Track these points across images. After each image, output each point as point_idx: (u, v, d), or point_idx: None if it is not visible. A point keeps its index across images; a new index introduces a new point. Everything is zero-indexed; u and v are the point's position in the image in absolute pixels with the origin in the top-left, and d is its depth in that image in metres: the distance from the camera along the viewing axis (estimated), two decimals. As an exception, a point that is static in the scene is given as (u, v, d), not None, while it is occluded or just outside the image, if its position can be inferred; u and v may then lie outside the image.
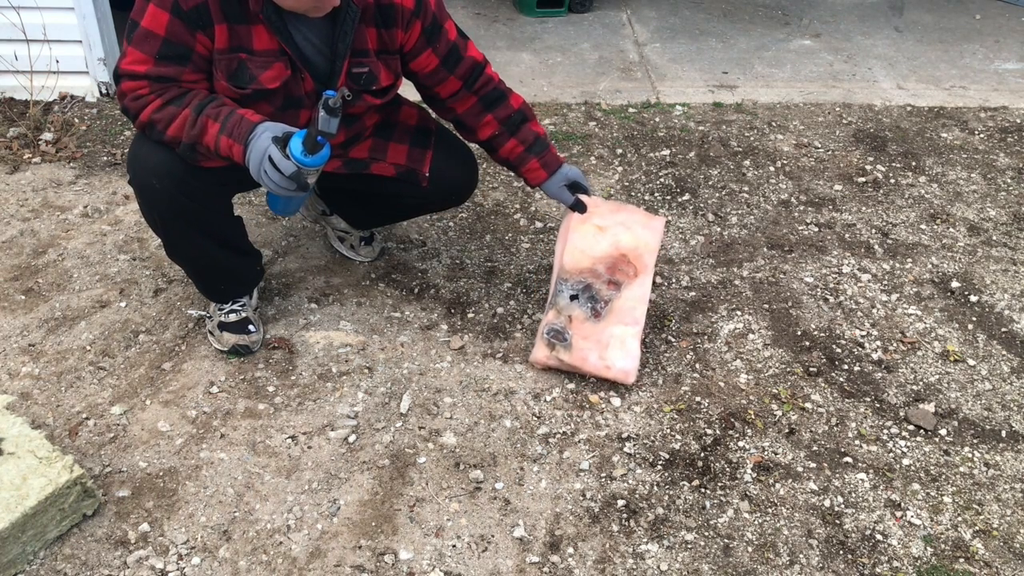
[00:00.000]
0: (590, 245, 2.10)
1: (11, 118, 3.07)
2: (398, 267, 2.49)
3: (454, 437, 1.96)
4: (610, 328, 2.05)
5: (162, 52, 1.69)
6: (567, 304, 2.07)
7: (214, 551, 1.69)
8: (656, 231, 2.13)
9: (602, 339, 2.04)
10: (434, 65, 1.95)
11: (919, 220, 2.82)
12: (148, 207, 1.90)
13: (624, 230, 2.11)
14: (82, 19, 3.09)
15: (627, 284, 2.08)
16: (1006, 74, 3.93)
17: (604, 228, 2.11)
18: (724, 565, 1.71)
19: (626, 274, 2.09)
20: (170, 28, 1.67)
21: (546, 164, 2.09)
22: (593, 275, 2.09)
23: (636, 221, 2.13)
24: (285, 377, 2.10)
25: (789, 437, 2.00)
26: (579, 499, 1.83)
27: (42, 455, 1.69)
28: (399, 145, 2.10)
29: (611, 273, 2.08)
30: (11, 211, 2.65)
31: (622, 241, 2.10)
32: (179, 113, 1.71)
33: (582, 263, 2.09)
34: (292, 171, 1.65)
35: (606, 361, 2.02)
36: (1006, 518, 1.84)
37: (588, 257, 2.09)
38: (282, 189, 1.68)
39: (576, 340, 2.04)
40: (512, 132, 2.06)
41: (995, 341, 2.32)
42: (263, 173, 1.67)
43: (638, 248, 2.10)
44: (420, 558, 1.70)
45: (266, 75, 1.76)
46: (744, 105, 3.53)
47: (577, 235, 2.11)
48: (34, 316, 2.25)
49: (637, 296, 2.07)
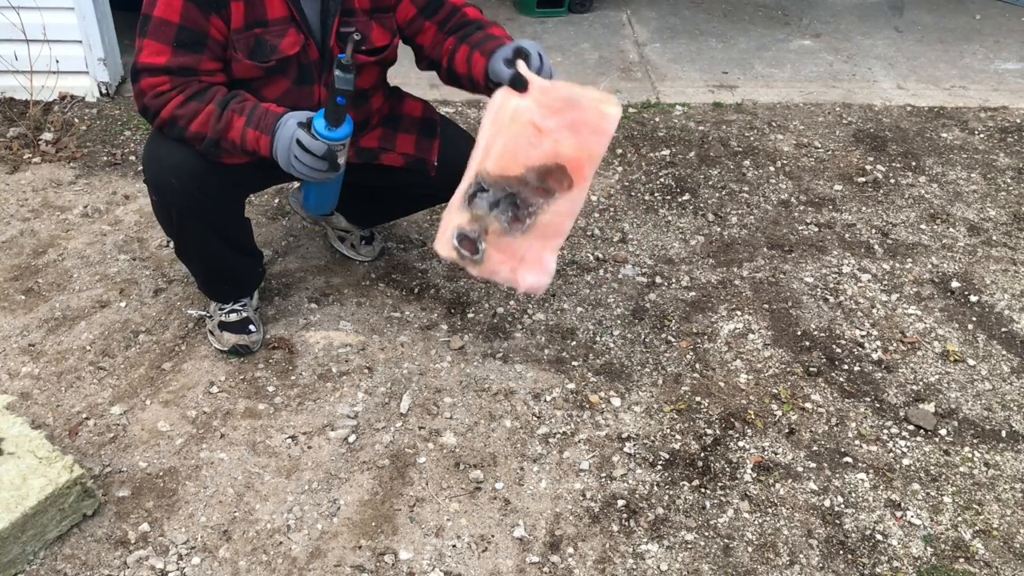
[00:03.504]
0: (524, 150, 1.71)
1: (11, 118, 3.07)
2: (398, 267, 2.49)
3: (454, 437, 1.96)
4: (529, 242, 1.80)
5: (179, 39, 1.69)
6: (486, 212, 1.76)
7: (214, 551, 1.69)
8: (606, 133, 1.74)
9: (518, 253, 1.80)
10: (412, 14, 1.93)
11: (919, 220, 2.82)
12: (165, 205, 1.90)
13: (569, 135, 1.72)
14: (82, 19, 3.09)
15: (559, 195, 1.76)
16: (1006, 74, 3.93)
17: (545, 130, 1.70)
18: (724, 565, 1.71)
19: (560, 183, 1.75)
20: (184, 13, 1.68)
21: (486, 50, 1.79)
22: (521, 183, 1.74)
23: (585, 123, 1.72)
24: (285, 377, 2.10)
25: (789, 437, 2.00)
26: (579, 499, 1.83)
27: (42, 455, 1.69)
28: (407, 136, 2.10)
29: (542, 181, 1.75)
30: (11, 211, 2.65)
31: (564, 149, 1.72)
32: (203, 109, 1.72)
33: (511, 170, 1.72)
34: (323, 150, 1.66)
35: (518, 275, 1.81)
36: (1006, 518, 1.84)
37: (520, 165, 1.72)
38: (314, 171, 1.69)
39: (490, 252, 1.79)
40: (464, 40, 1.90)
41: (995, 341, 2.32)
42: (293, 158, 1.68)
43: (581, 158, 1.74)
44: (420, 558, 1.70)
45: (285, 42, 1.78)
46: (744, 105, 3.53)
47: (511, 136, 1.71)
48: (34, 316, 2.25)
49: (566, 211, 1.78)
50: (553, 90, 1.69)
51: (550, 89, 1.69)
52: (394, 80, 2.14)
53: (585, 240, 2.65)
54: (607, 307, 2.38)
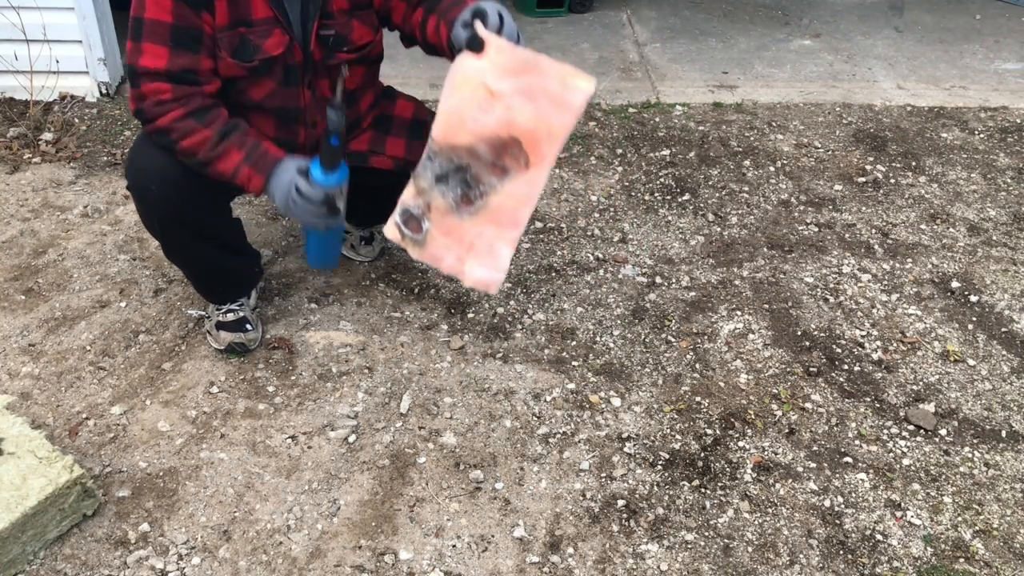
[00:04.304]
0: (474, 115, 1.52)
1: (11, 118, 3.07)
2: (398, 267, 2.49)
3: (454, 437, 1.96)
4: (480, 227, 1.60)
5: (175, 39, 1.69)
6: (430, 185, 1.58)
7: (214, 551, 1.69)
8: (569, 107, 1.51)
9: (466, 238, 1.61)
10: None
11: (919, 220, 2.82)
12: (146, 211, 1.91)
13: (524, 102, 1.50)
14: (82, 19, 3.09)
15: (514, 175, 1.56)
16: (1006, 74, 3.93)
17: (498, 94, 1.50)
18: (724, 565, 1.71)
19: (516, 161, 1.55)
20: (176, 12, 1.68)
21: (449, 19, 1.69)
22: (471, 155, 1.55)
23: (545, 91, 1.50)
24: (285, 377, 2.10)
25: (789, 437, 2.00)
26: (579, 499, 1.83)
27: (42, 455, 1.69)
28: (397, 139, 2.10)
29: (496, 157, 1.55)
30: (11, 211, 2.65)
31: (518, 118, 1.51)
32: (199, 130, 1.73)
33: (459, 137, 1.54)
34: (320, 196, 1.71)
35: (464, 265, 1.63)
36: (1006, 518, 1.84)
37: (468, 132, 1.53)
38: (313, 217, 1.74)
39: (434, 234, 1.61)
40: (432, 10, 1.82)
41: (995, 341, 2.32)
42: (292, 203, 1.73)
43: (537, 132, 1.52)
44: (420, 558, 1.70)
45: (269, 43, 1.78)
46: (744, 105, 3.53)
47: (460, 97, 1.52)
48: (34, 316, 2.25)
49: (522, 195, 1.57)
50: (512, 51, 1.50)
51: (507, 50, 1.50)
52: (393, 80, 2.14)
53: (585, 240, 2.65)
54: (607, 307, 2.38)
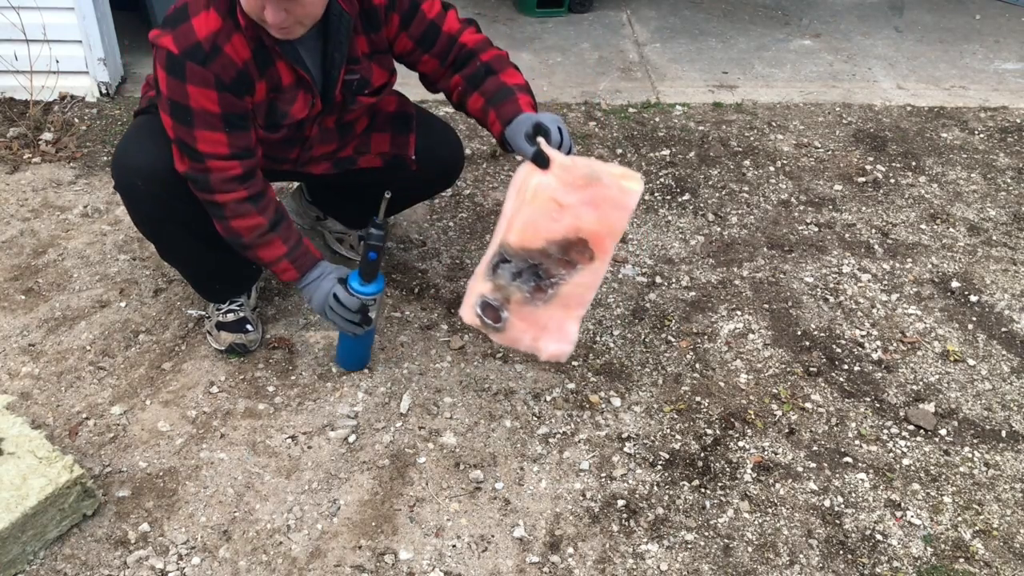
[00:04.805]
0: (546, 225, 1.73)
1: (11, 118, 3.07)
2: (398, 267, 2.49)
3: (454, 437, 1.96)
4: (552, 312, 1.80)
5: (228, 125, 1.72)
6: (508, 282, 1.77)
7: (214, 551, 1.69)
8: (627, 208, 1.77)
9: (540, 322, 1.80)
10: (409, 48, 1.92)
11: (919, 220, 2.82)
12: (135, 209, 1.90)
13: (590, 210, 1.74)
14: (82, 19, 3.09)
15: (581, 267, 1.78)
16: (1006, 74, 3.93)
17: (566, 206, 1.73)
18: (724, 565, 1.71)
19: (582, 255, 1.78)
20: (223, 102, 1.69)
21: (502, 115, 1.80)
22: (543, 255, 1.76)
23: (606, 198, 1.75)
24: (285, 377, 2.10)
25: (789, 437, 2.00)
26: (579, 499, 1.83)
27: (42, 455, 1.69)
28: (381, 135, 2.10)
29: (564, 253, 1.76)
30: (11, 211, 2.65)
31: (585, 223, 1.74)
32: (253, 216, 1.79)
33: (533, 243, 1.74)
34: (356, 305, 1.85)
35: (539, 343, 1.81)
36: (1006, 518, 1.84)
37: (542, 238, 1.74)
38: (347, 323, 1.87)
39: (513, 321, 1.80)
40: (475, 86, 1.89)
41: (995, 341, 2.32)
42: (328, 310, 1.86)
43: (600, 232, 1.76)
44: (420, 558, 1.70)
45: (295, 108, 1.82)
46: (744, 105, 3.53)
47: (533, 209, 1.73)
48: (34, 316, 2.25)
49: (588, 282, 1.80)
50: (574, 167, 1.72)
51: (571, 167, 1.72)
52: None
53: (585, 240, 2.65)
54: (607, 307, 2.38)
